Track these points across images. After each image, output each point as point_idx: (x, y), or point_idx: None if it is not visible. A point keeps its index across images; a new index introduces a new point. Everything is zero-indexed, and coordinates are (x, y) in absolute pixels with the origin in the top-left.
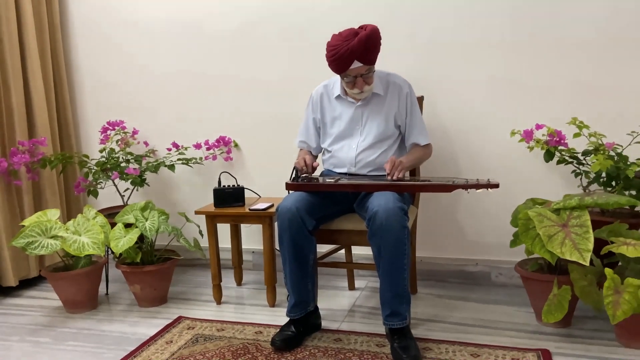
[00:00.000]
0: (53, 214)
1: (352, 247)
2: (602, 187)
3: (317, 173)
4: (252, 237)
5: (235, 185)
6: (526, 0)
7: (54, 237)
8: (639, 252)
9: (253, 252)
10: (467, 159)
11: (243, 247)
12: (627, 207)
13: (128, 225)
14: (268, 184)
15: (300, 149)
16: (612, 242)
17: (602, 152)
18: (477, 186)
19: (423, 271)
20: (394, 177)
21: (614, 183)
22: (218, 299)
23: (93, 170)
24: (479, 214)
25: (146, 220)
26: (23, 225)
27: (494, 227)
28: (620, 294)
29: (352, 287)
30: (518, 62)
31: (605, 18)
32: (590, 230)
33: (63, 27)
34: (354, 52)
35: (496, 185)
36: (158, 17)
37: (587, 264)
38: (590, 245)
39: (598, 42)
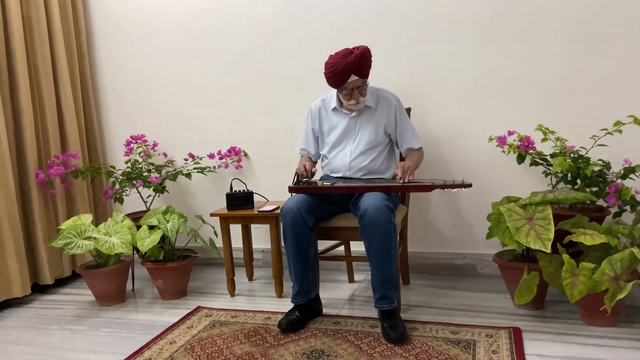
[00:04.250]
0: (86, 218)
1: (351, 243)
2: (569, 185)
3: (316, 177)
4: (262, 238)
5: (245, 190)
6: (501, 16)
7: (88, 238)
8: (595, 241)
9: (262, 251)
10: (453, 163)
11: (254, 246)
12: (590, 202)
13: (152, 227)
14: (275, 189)
15: (302, 156)
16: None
17: (563, 154)
18: (453, 186)
19: (416, 265)
20: (406, 180)
21: (579, 181)
22: (232, 291)
23: (119, 180)
24: (465, 212)
25: (167, 222)
26: (60, 229)
27: (479, 223)
28: (577, 277)
29: (351, 279)
30: (495, 71)
31: (575, 29)
32: (552, 223)
33: (90, 54)
34: (351, 67)
35: (469, 185)
36: (174, 37)
37: (549, 250)
38: (551, 235)
39: (570, 51)
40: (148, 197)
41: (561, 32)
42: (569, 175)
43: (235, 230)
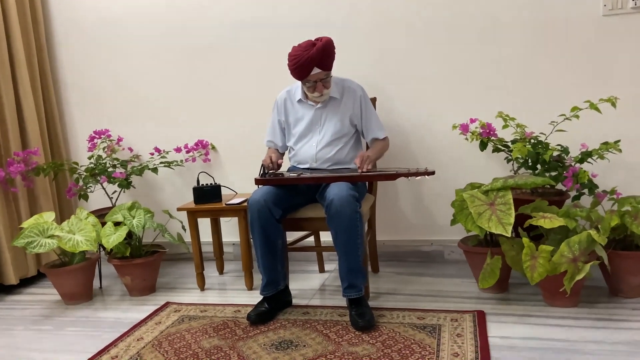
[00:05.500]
0: (49, 216)
1: (321, 233)
2: (529, 170)
3: (284, 169)
4: (232, 231)
5: (213, 184)
6: (463, 12)
7: (51, 236)
8: (554, 224)
9: (233, 244)
10: (418, 151)
11: (224, 240)
12: (549, 186)
13: (117, 224)
14: (244, 181)
15: (269, 148)
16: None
17: (522, 140)
18: (416, 174)
19: (385, 253)
20: (364, 170)
21: (539, 166)
22: (201, 285)
23: (83, 176)
24: (432, 199)
25: (133, 218)
26: (22, 228)
27: (446, 210)
28: (536, 259)
29: (322, 269)
30: (458, 61)
31: (533, 23)
32: (512, 207)
33: (49, 47)
34: (313, 60)
35: (432, 172)
36: (137, 31)
37: (509, 234)
38: (512, 220)
39: (529, 42)
40: (113, 193)
41: (520, 25)
42: (529, 160)
43: (205, 224)
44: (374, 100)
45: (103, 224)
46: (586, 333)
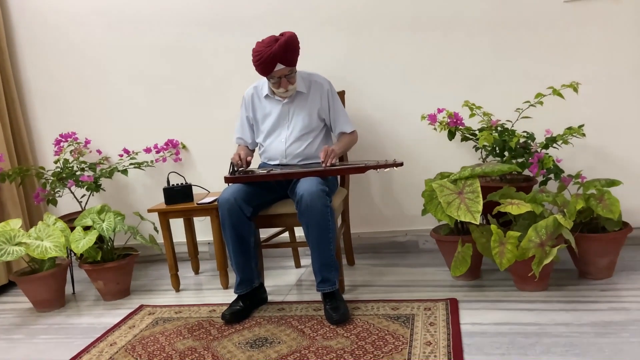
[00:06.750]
0: (15, 223)
1: (295, 229)
2: (497, 158)
3: (254, 165)
4: (207, 230)
5: (184, 184)
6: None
7: (18, 244)
8: (521, 210)
9: (209, 243)
10: (388, 143)
11: (199, 239)
12: (517, 172)
13: (87, 228)
14: (216, 180)
15: (238, 145)
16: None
17: (488, 128)
18: (385, 166)
19: (360, 245)
20: (328, 164)
21: (506, 153)
22: (176, 287)
23: (50, 181)
24: (404, 190)
25: (103, 222)
26: None
27: (418, 200)
28: (504, 245)
29: (298, 265)
30: (424, 52)
31: (497, 14)
32: (480, 195)
33: (10, 50)
34: (276, 56)
35: (400, 164)
36: (101, 31)
37: (477, 222)
38: (480, 207)
39: (493, 32)
40: (83, 197)
41: (484, 13)
42: (496, 148)
43: (179, 224)
44: (342, 93)
45: (73, 228)
46: (555, 316)
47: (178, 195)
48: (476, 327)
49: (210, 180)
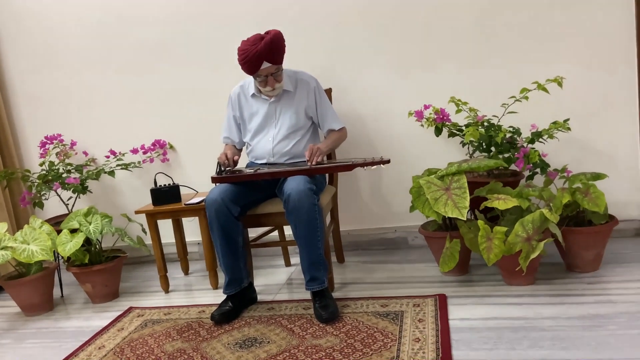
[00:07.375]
0: (1, 227)
1: (285, 227)
2: (484, 153)
3: (242, 165)
4: (197, 230)
5: (171, 184)
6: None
7: (4, 248)
8: (507, 205)
9: (198, 244)
10: (376, 140)
11: (189, 239)
12: (504, 168)
13: (74, 231)
14: (205, 180)
15: (226, 144)
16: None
17: (475, 124)
18: (372, 163)
19: (350, 243)
20: (313, 162)
21: (492, 149)
22: (166, 288)
23: (36, 184)
24: (393, 187)
25: (90, 224)
26: None
27: (406, 197)
28: (491, 240)
29: (288, 263)
30: (410, 48)
31: (475, 9)
32: (467, 191)
33: None
34: (261, 55)
35: (387, 161)
36: (86, 31)
37: (464, 218)
38: (467, 203)
39: (476, 25)
40: (69, 199)
41: (468, 8)
42: (483, 143)
43: (168, 225)
44: (329, 91)
45: (59, 231)
46: (543, 309)
47: (166, 196)
48: (464, 322)
49: (199, 180)
